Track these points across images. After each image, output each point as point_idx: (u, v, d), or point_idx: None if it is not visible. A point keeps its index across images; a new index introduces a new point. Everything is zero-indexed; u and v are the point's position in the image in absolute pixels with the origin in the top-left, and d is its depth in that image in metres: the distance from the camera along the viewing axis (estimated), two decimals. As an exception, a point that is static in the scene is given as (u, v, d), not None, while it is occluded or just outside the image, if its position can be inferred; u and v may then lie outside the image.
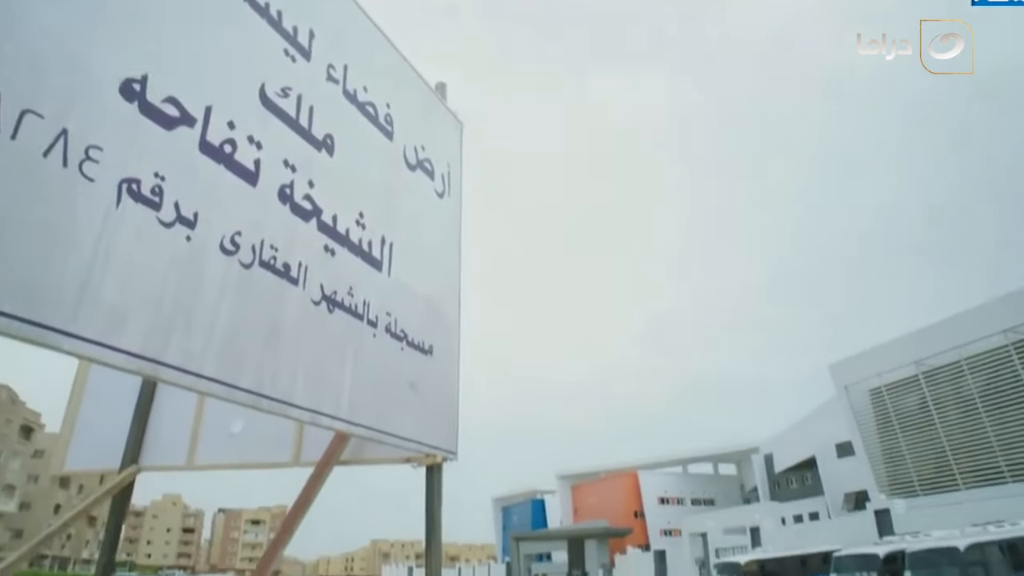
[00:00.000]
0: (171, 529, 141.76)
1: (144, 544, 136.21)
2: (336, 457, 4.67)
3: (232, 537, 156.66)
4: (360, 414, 3.60)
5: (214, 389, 2.81)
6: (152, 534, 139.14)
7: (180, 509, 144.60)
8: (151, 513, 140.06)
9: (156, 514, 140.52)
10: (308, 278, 3.33)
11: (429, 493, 4.33)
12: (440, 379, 4.39)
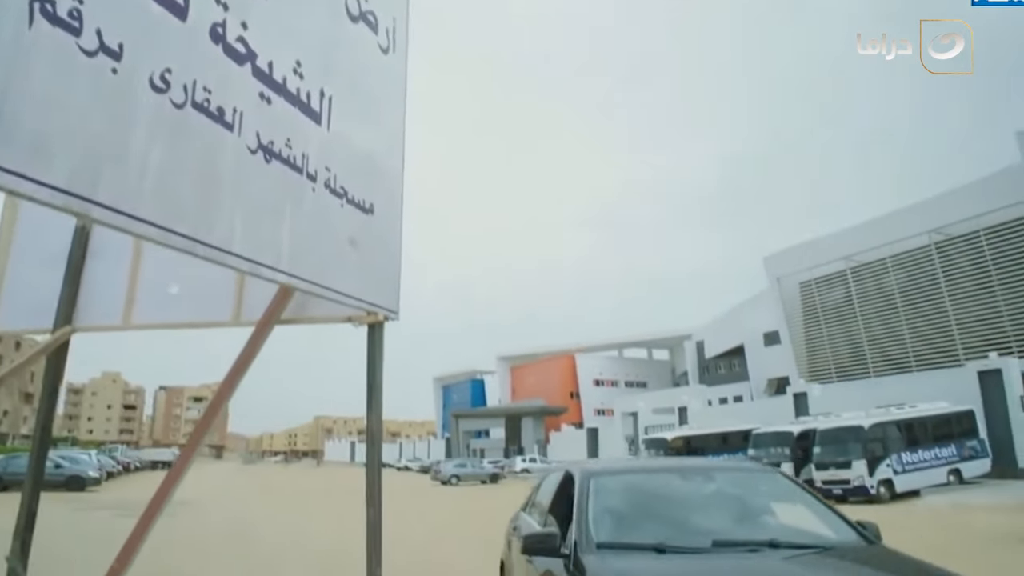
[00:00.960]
0: (112, 406, 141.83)
1: (85, 420, 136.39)
2: (277, 316, 4.67)
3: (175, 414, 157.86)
4: (301, 268, 3.59)
5: (149, 232, 2.74)
6: (93, 411, 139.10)
7: (120, 386, 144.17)
8: (90, 390, 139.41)
9: (95, 391, 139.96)
10: (244, 125, 3.21)
11: (371, 352, 4.41)
12: (382, 238, 4.38)
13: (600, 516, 3.50)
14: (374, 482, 4.31)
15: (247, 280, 4.72)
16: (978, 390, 26.75)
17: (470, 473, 40.90)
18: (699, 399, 47.99)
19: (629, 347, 77.62)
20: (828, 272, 41.05)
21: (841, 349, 40.66)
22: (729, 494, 4.02)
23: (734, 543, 3.24)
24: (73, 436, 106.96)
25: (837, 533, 3.43)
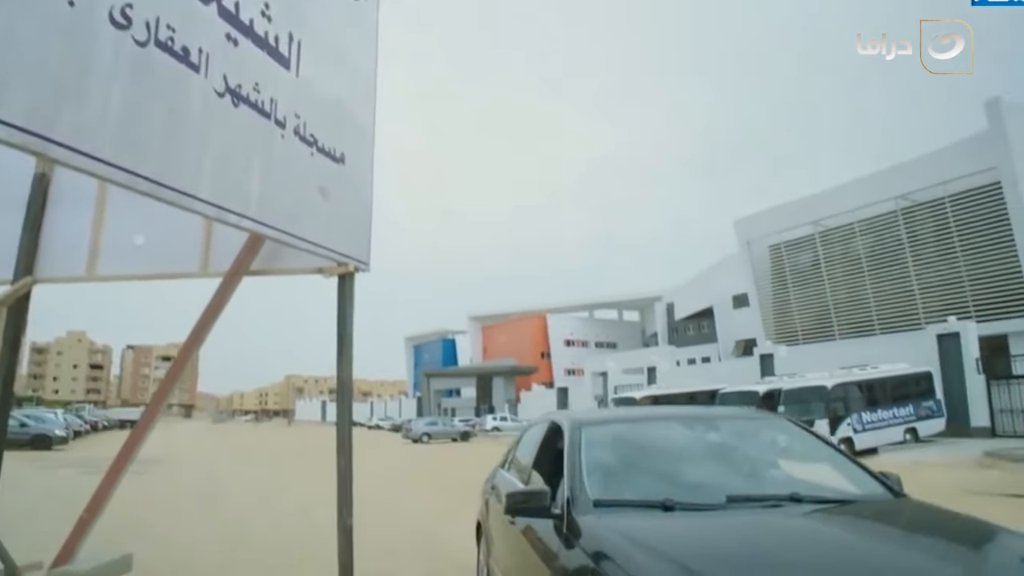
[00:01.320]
0: (78, 366, 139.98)
1: (50, 381, 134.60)
2: (246, 266, 4.61)
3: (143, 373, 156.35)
4: (270, 216, 3.52)
5: (113, 174, 2.66)
6: (58, 371, 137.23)
7: (86, 346, 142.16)
8: (55, 350, 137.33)
9: (60, 350, 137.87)
10: (210, 67, 3.11)
11: (341, 304, 4.38)
12: (352, 188, 4.31)
13: (595, 471, 3.13)
14: (345, 432, 4.33)
15: (215, 230, 4.64)
16: (936, 352, 27.48)
17: (441, 431, 41.27)
18: (668, 359, 48.72)
19: (600, 308, 78.24)
20: (797, 236, 41.55)
21: (808, 312, 41.40)
22: (738, 444, 3.66)
23: (751, 498, 2.90)
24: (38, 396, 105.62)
25: (860, 485, 3.12)
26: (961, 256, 33.06)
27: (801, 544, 2.44)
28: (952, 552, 2.36)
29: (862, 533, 2.64)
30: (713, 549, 2.33)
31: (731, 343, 50.85)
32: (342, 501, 4.24)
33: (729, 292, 50.47)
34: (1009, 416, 25.45)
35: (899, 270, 36.07)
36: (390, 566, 6.32)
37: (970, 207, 32.67)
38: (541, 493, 3.05)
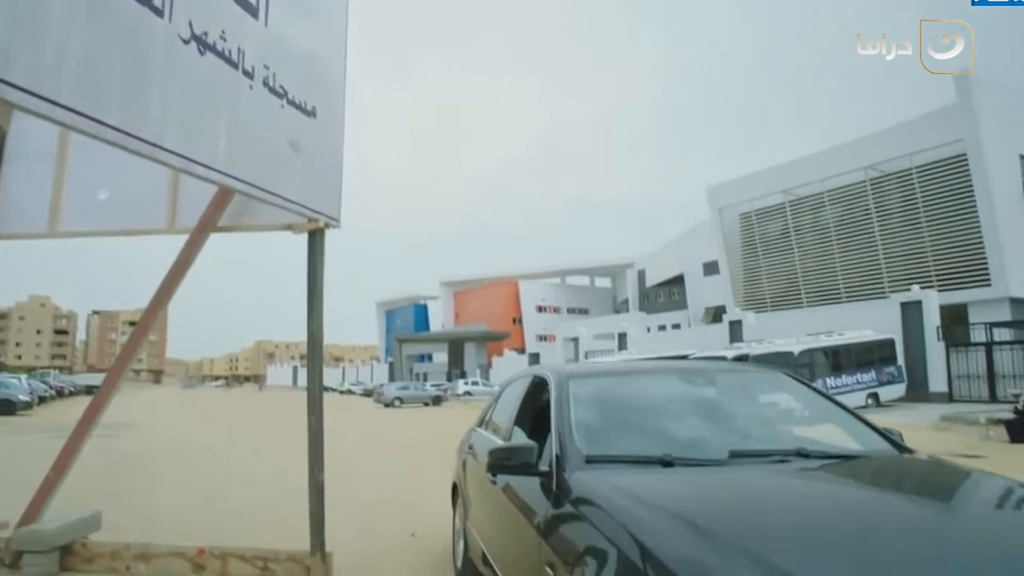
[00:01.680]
0: (42, 331, 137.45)
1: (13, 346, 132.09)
2: (213, 222, 4.52)
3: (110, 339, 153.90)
4: (238, 169, 3.43)
5: (75, 121, 2.56)
6: (21, 336, 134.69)
7: (50, 311, 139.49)
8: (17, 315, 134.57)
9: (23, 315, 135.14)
10: (174, 11, 2.99)
11: (311, 260, 4.31)
12: (323, 142, 4.21)
13: (586, 425, 2.91)
14: (315, 389, 4.31)
15: (182, 184, 4.54)
16: (900, 320, 28.13)
17: (413, 395, 41.40)
18: (639, 326, 49.23)
19: (572, 274, 78.55)
20: (768, 205, 41.92)
21: (777, 280, 41.99)
22: (737, 398, 3.50)
23: (755, 453, 2.74)
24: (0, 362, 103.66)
25: (866, 441, 2.99)
26: (926, 227, 33.67)
27: (812, 497, 2.37)
28: (962, 503, 2.34)
29: (874, 487, 2.59)
30: (720, 504, 2.20)
31: (701, 310, 51.50)
32: (313, 458, 4.24)
33: (700, 259, 50.98)
34: (966, 382, 26.25)
35: (866, 239, 36.66)
36: (364, 525, 6.36)
37: (936, 178, 33.18)
38: (527, 449, 2.82)
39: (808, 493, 2.43)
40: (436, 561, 5.12)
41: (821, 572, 1.58)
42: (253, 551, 4.66)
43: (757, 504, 2.26)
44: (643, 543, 1.85)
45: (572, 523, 2.32)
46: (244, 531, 5.70)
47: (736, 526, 1.92)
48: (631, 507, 2.11)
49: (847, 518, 2.10)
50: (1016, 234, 31.24)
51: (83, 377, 68.36)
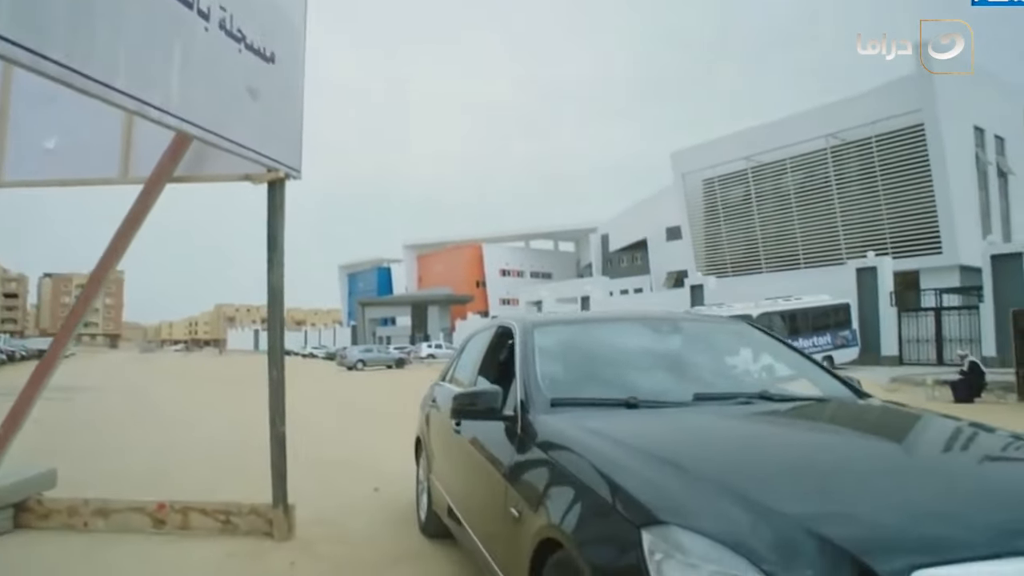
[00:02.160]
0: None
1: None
2: (169, 171, 4.37)
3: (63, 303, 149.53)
4: (194, 113, 3.30)
5: (15, 54, 2.41)
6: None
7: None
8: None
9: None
10: (122, -58, 2.87)
11: (271, 212, 4.22)
12: (283, 90, 4.08)
13: (551, 370, 2.90)
14: (276, 343, 4.26)
15: (136, 131, 4.38)
16: (855, 286, 28.83)
17: (376, 358, 41.27)
18: (602, 290, 49.63)
19: (535, 238, 78.57)
20: (731, 171, 42.26)
21: (738, 245, 42.56)
22: (702, 345, 3.52)
23: (720, 396, 2.79)
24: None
25: (827, 387, 3.06)
26: (883, 195, 34.34)
27: (775, 434, 2.46)
28: (915, 439, 2.43)
29: (834, 426, 2.66)
30: (686, 441, 2.24)
31: (663, 275, 52.03)
32: (274, 410, 4.20)
33: (663, 224, 51.32)
34: (916, 345, 27.10)
35: (825, 207, 37.27)
36: (326, 482, 6.36)
37: (894, 147, 33.77)
38: (492, 393, 2.79)
39: (771, 431, 2.51)
40: (399, 515, 5.15)
41: (786, 501, 1.62)
42: (214, 505, 4.63)
43: (722, 440, 2.32)
44: (611, 478, 1.87)
45: (538, 465, 2.33)
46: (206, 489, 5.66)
47: (703, 460, 1.96)
48: (597, 445, 2.13)
49: (810, 453, 2.18)
50: (967, 204, 32.09)
51: (35, 341, 66.76)
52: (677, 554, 1.50)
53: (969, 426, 2.47)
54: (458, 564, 3.95)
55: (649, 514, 1.63)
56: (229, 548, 4.29)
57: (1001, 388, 14.95)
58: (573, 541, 1.82)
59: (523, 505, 2.27)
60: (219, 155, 4.02)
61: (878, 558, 1.38)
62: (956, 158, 31.66)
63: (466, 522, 3.27)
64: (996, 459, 2.16)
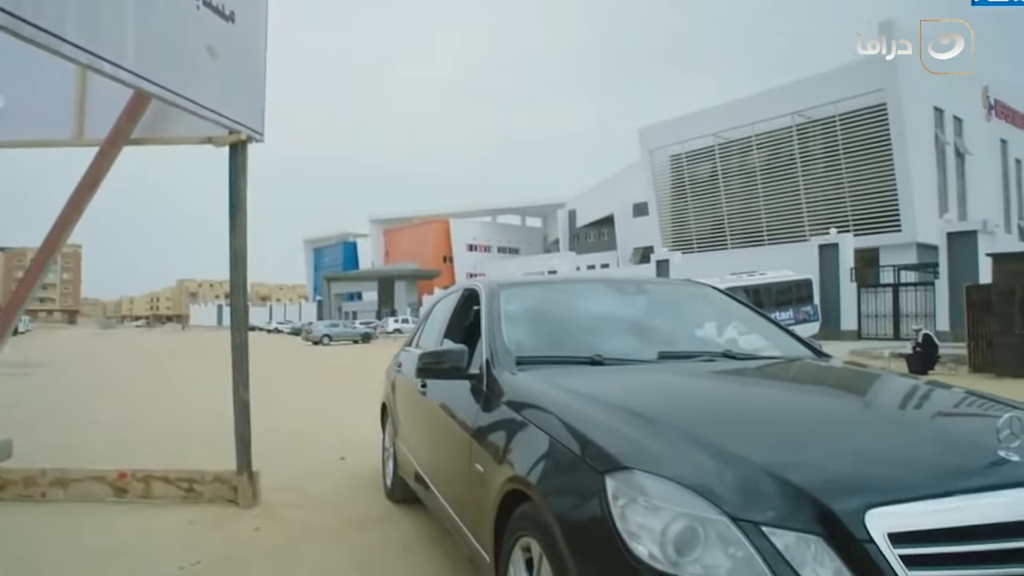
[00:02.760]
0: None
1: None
2: (126, 133, 4.23)
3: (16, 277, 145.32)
4: (151, 71, 3.18)
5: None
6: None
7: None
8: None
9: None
10: None
11: (233, 175, 4.11)
12: (244, 49, 3.95)
13: (517, 329, 2.90)
14: (239, 308, 4.19)
15: (91, 90, 4.22)
16: (817, 262, 29.36)
17: (342, 333, 41.03)
18: (569, 265, 49.77)
19: (503, 214, 78.34)
20: (698, 147, 42.52)
21: (704, 221, 42.97)
22: (667, 306, 3.57)
23: (684, 355, 2.83)
24: None
25: (788, 347, 3.14)
26: (845, 173, 34.91)
27: (738, 389, 2.52)
28: (874, 394, 2.50)
29: (796, 382, 2.72)
30: (651, 395, 2.27)
31: (630, 250, 52.35)
32: (237, 375, 4.15)
33: (630, 200, 51.53)
34: (874, 320, 27.77)
35: (790, 184, 37.77)
36: (292, 450, 6.32)
37: (857, 126, 34.28)
38: (457, 352, 2.79)
39: (734, 386, 2.56)
40: (365, 481, 5.15)
41: (748, 448, 1.65)
42: (177, 473, 4.58)
43: (686, 395, 2.36)
44: (575, 429, 1.88)
45: (503, 421, 2.33)
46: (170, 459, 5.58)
47: (666, 412, 1.98)
48: (563, 399, 2.15)
49: (771, 406, 2.25)
50: (926, 183, 32.78)
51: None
52: (640, 498, 1.52)
53: (925, 383, 2.56)
54: (424, 527, 3.97)
55: (613, 461, 1.65)
56: (192, 515, 4.25)
57: (953, 361, 15.44)
58: (538, 491, 1.84)
59: (488, 460, 2.28)
60: (179, 116, 3.91)
61: (835, 498, 1.43)
62: (916, 138, 32.27)
63: (433, 484, 3.28)
64: (948, 410, 2.24)
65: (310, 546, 3.71)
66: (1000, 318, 14.26)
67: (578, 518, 1.66)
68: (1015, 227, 39.27)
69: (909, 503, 1.44)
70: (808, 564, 1.38)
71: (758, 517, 1.43)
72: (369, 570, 3.34)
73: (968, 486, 1.50)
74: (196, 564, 3.41)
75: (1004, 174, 39.05)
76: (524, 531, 1.94)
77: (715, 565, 1.41)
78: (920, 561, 1.37)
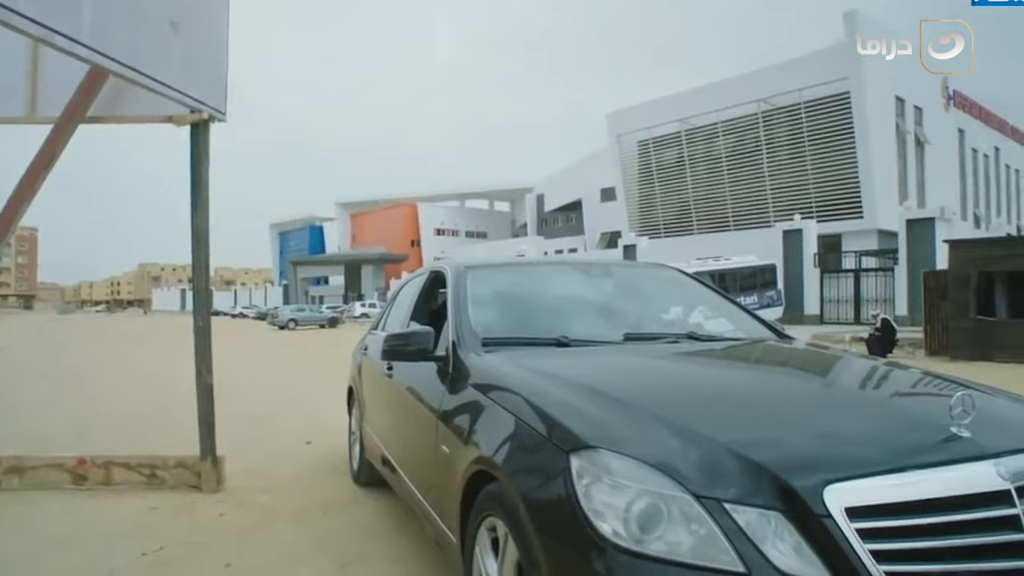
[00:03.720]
0: None
1: None
2: (82, 111, 4.10)
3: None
4: (109, 45, 3.07)
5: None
6: None
7: None
8: None
9: None
10: None
11: (195, 156, 4.01)
12: (207, 26, 3.84)
13: (483, 310, 2.91)
14: (202, 290, 4.11)
15: (44, 65, 4.08)
16: (782, 247, 29.82)
17: (308, 318, 40.65)
18: (537, 249, 49.87)
19: (471, 198, 77.98)
20: (665, 133, 42.72)
21: (670, 207, 43.28)
22: (632, 288, 3.60)
23: (649, 336, 2.88)
24: None
25: (751, 329, 3.19)
26: (809, 160, 35.40)
27: (703, 370, 2.55)
28: (834, 374, 2.54)
29: (759, 363, 2.76)
30: (616, 375, 2.29)
31: (598, 235, 52.57)
32: (200, 359, 4.08)
33: (598, 185, 51.70)
34: (836, 305, 28.32)
35: (755, 170, 38.19)
36: (257, 435, 6.26)
37: (821, 114, 34.73)
38: (423, 334, 2.76)
39: (698, 367, 2.59)
40: (332, 465, 5.13)
41: (711, 427, 1.67)
42: (139, 459, 4.50)
43: (651, 375, 2.40)
44: (541, 409, 1.89)
45: (469, 402, 2.33)
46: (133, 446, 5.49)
47: (632, 392, 2.00)
48: (529, 380, 2.15)
49: (734, 386, 2.29)
50: (887, 171, 33.41)
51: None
52: (605, 476, 1.54)
53: (885, 364, 2.63)
54: (390, 510, 3.96)
55: (578, 440, 1.66)
56: (155, 502, 4.19)
57: (911, 344, 15.86)
58: (504, 471, 1.85)
59: (455, 442, 2.28)
60: (138, 94, 3.81)
61: (795, 475, 1.47)
62: (878, 127, 32.82)
63: (399, 467, 3.27)
64: (904, 390, 2.30)
65: (275, 531, 3.69)
66: (955, 303, 14.66)
67: (543, 497, 1.67)
68: (971, 215, 40.31)
69: (865, 479, 1.48)
70: (769, 539, 1.41)
71: (720, 494, 1.45)
72: (335, 554, 3.33)
73: (922, 461, 1.54)
74: (159, 550, 3.37)
75: (961, 163, 39.98)
76: (490, 511, 1.94)
77: (678, 542, 1.43)
78: (876, 534, 1.40)
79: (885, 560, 1.38)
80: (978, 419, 1.66)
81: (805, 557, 1.39)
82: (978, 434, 1.63)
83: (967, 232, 31.14)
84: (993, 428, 1.73)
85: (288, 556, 3.32)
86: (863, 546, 1.38)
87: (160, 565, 3.21)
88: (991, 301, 14.58)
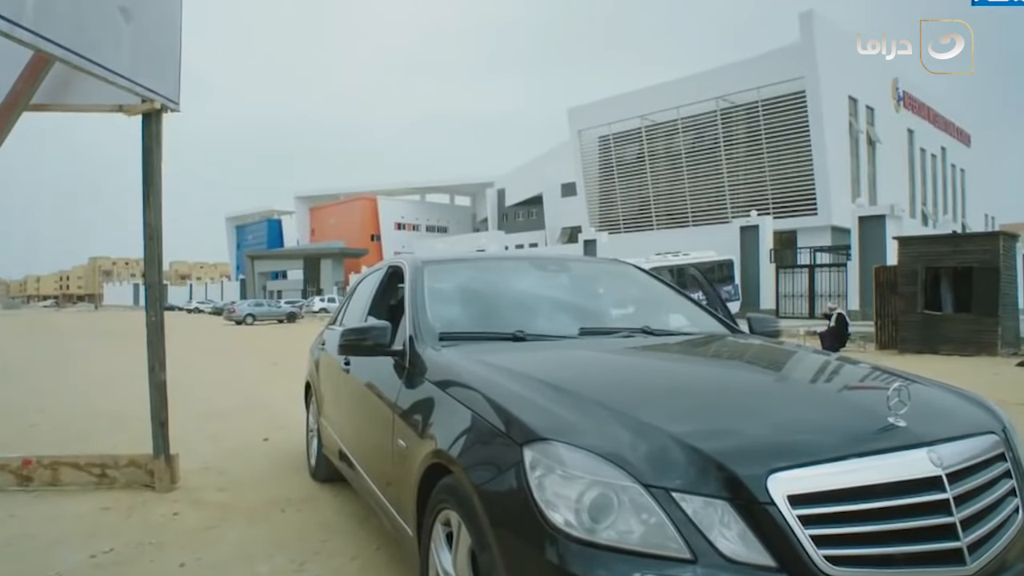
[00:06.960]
0: None
1: None
2: (25, 98, 3.94)
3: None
4: (54, 30, 2.96)
5: None
6: None
7: None
8: None
9: None
10: None
11: (147, 147, 3.89)
12: (159, 12, 3.73)
13: (440, 305, 2.93)
14: (155, 285, 4.02)
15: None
16: (739, 243, 30.34)
17: (266, 312, 40.06)
18: (497, 244, 49.94)
19: (432, 192, 77.66)
20: (625, 129, 43.07)
21: (630, 202, 43.68)
22: (589, 285, 3.65)
23: (604, 331, 2.91)
24: None
25: (705, 323, 3.25)
26: (766, 157, 36.06)
27: (656, 364, 2.59)
28: (783, 366, 2.60)
29: (711, 356, 2.79)
30: (571, 369, 2.31)
31: (558, 230, 52.83)
32: (153, 356, 3.98)
33: (559, 180, 51.95)
34: (791, 300, 28.95)
35: (713, 167, 38.76)
36: (213, 432, 6.15)
37: (777, 113, 35.39)
38: (380, 328, 2.73)
39: (651, 361, 2.64)
40: (289, 462, 5.06)
41: (661, 419, 1.70)
42: (88, 458, 4.38)
43: (605, 369, 2.42)
44: (496, 403, 1.91)
45: (426, 396, 2.34)
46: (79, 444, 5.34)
47: (585, 385, 2.01)
48: (484, 373, 2.17)
49: (686, 378, 2.34)
50: (840, 169, 34.21)
51: None
52: (557, 468, 1.56)
53: (835, 359, 2.69)
54: (349, 505, 3.93)
55: (531, 432, 1.68)
56: (105, 502, 4.08)
57: (862, 338, 16.27)
58: (459, 464, 1.86)
59: (411, 436, 2.29)
60: (87, 82, 3.69)
61: (740, 463, 1.51)
62: (832, 125, 33.58)
63: (357, 462, 3.26)
64: (849, 382, 2.36)
65: (230, 529, 3.63)
66: (904, 298, 15.07)
67: (497, 489, 1.69)
68: (919, 212, 41.51)
69: (807, 467, 1.53)
70: (715, 527, 1.45)
71: (669, 484, 1.49)
72: (292, 552, 3.29)
73: (860, 450, 1.60)
74: (109, 552, 3.29)
75: (911, 162, 41.17)
76: (445, 504, 1.95)
77: (628, 531, 1.46)
78: (817, 519, 1.46)
79: (826, 544, 1.44)
80: (913, 409, 1.73)
81: (750, 543, 1.44)
82: (913, 423, 1.70)
83: (916, 229, 32.05)
84: (927, 417, 1.81)
85: (245, 555, 3.26)
86: (804, 531, 1.43)
87: (110, 567, 3.13)
88: (937, 296, 15.03)
